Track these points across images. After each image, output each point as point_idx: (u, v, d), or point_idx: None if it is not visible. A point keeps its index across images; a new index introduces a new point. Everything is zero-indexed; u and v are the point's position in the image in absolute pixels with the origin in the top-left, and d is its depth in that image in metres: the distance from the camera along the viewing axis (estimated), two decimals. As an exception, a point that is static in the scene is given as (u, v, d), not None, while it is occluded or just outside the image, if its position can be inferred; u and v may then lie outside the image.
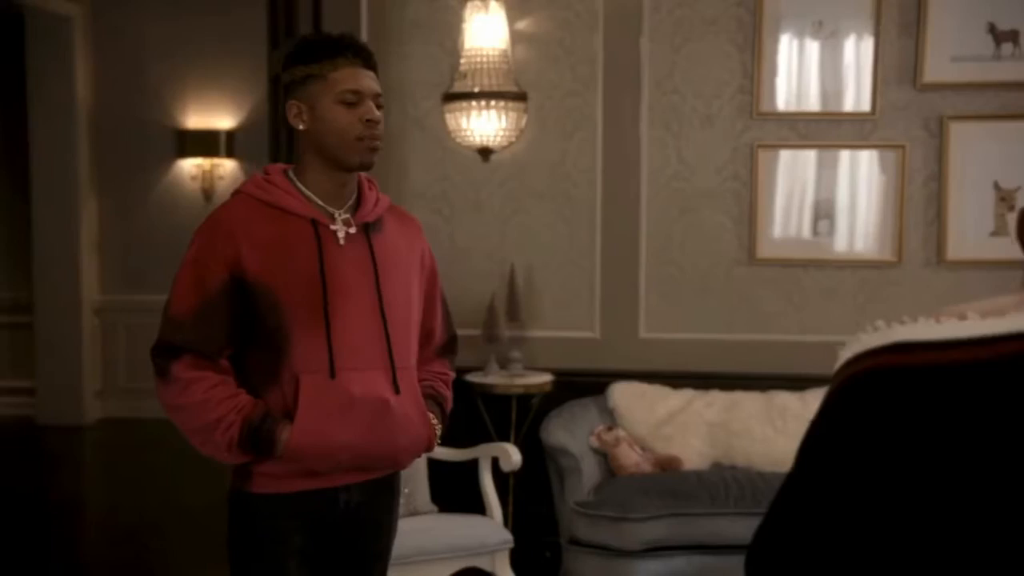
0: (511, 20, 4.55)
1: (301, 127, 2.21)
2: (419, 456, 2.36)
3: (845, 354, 0.95)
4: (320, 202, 2.22)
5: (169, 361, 2.13)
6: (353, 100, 2.17)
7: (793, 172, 4.60)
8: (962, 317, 0.84)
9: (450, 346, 2.50)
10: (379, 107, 2.23)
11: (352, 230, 2.22)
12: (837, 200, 4.57)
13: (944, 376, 0.82)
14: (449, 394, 2.45)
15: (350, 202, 2.26)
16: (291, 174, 2.25)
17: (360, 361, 2.18)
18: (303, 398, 2.13)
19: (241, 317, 2.14)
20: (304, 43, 2.27)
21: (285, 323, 2.12)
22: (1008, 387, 0.80)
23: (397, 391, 2.23)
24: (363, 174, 2.30)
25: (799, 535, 0.88)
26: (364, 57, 2.21)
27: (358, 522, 2.26)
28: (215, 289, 2.12)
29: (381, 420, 2.20)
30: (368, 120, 2.18)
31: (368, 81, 2.20)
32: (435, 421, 2.34)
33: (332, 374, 2.15)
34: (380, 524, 2.33)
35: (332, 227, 2.20)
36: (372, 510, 2.29)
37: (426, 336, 2.41)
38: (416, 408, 2.28)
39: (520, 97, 4.51)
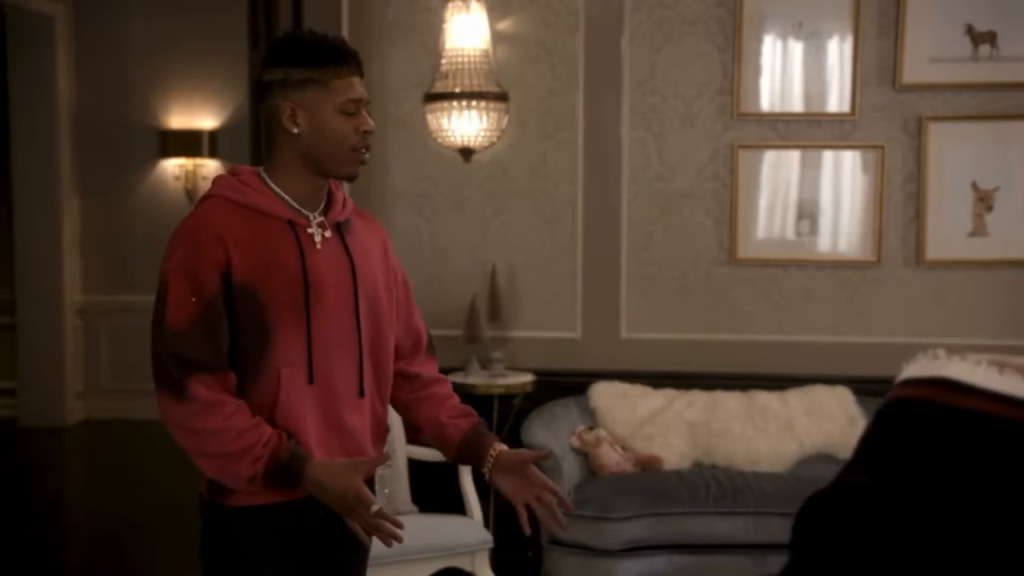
0: (492, 20, 4.55)
1: (295, 131, 2.14)
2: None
3: (904, 373, 0.91)
4: (295, 204, 2.18)
5: (185, 377, 2.04)
6: (353, 111, 2.14)
7: (773, 173, 4.61)
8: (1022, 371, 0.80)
9: (433, 344, 2.47)
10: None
11: (327, 233, 2.20)
12: (818, 201, 4.59)
13: (986, 426, 0.78)
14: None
15: (321, 205, 2.23)
16: (263, 175, 2.20)
17: (335, 363, 2.16)
18: (282, 398, 2.10)
19: (231, 322, 2.09)
20: (299, 43, 2.17)
21: (267, 324, 2.09)
22: None
23: (362, 394, 2.22)
24: None
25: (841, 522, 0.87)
26: (359, 64, 2.18)
27: (336, 535, 2.20)
28: (211, 295, 2.06)
29: (348, 437, 2.19)
30: (364, 131, 2.15)
31: (363, 90, 2.18)
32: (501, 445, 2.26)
33: (311, 379, 2.13)
34: (358, 536, 2.26)
35: (309, 230, 2.17)
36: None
37: (415, 335, 2.39)
38: (376, 425, 2.26)
39: (501, 97, 4.51)
